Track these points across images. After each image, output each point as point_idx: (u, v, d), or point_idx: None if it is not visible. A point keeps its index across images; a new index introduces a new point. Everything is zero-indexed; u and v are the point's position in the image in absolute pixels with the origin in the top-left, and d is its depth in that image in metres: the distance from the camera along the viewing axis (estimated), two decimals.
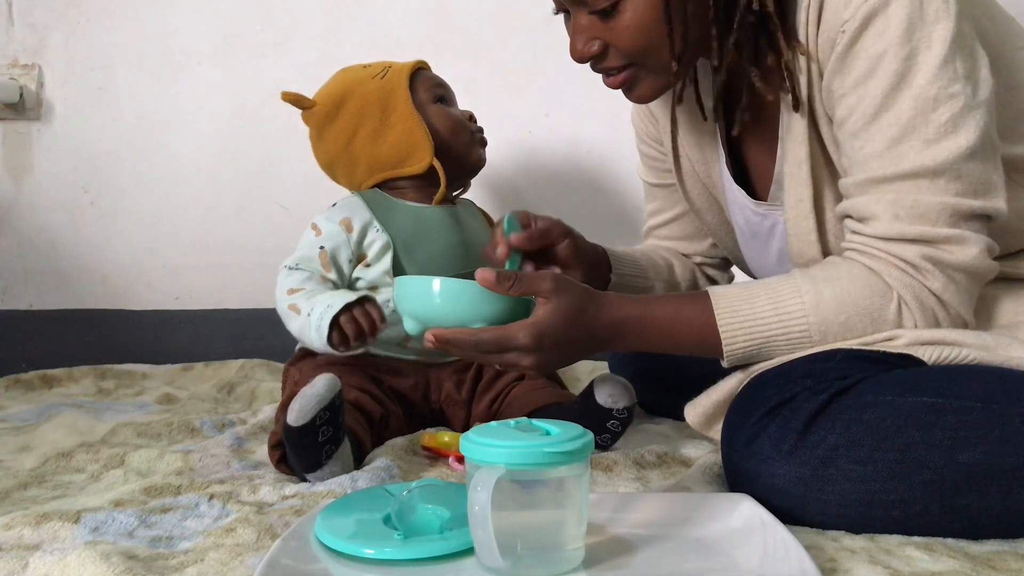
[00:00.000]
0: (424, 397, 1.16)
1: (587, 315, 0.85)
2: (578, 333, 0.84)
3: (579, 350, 0.86)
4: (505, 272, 0.82)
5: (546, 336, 0.83)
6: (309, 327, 1.07)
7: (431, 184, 1.22)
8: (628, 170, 1.72)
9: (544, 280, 0.84)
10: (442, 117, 1.23)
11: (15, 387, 1.56)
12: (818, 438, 0.75)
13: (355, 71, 1.26)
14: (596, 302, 0.86)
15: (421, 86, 1.23)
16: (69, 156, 1.81)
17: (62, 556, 0.68)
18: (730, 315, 0.85)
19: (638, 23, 0.87)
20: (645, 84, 0.93)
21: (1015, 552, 0.72)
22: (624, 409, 1.01)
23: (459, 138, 1.23)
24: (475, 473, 0.62)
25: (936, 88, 0.79)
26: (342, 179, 1.30)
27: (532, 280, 0.83)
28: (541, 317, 0.83)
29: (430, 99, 1.23)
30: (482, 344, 0.83)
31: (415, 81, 1.23)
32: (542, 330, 0.82)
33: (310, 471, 0.92)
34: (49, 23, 1.80)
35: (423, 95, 1.23)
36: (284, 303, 1.12)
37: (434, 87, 1.25)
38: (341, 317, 1.05)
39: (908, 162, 0.81)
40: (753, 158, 1.03)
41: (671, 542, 0.70)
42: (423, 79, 1.25)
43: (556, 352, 0.84)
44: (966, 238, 0.80)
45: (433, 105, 1.23)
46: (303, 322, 1.08)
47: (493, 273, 0.82)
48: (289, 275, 1.14)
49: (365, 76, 1.23)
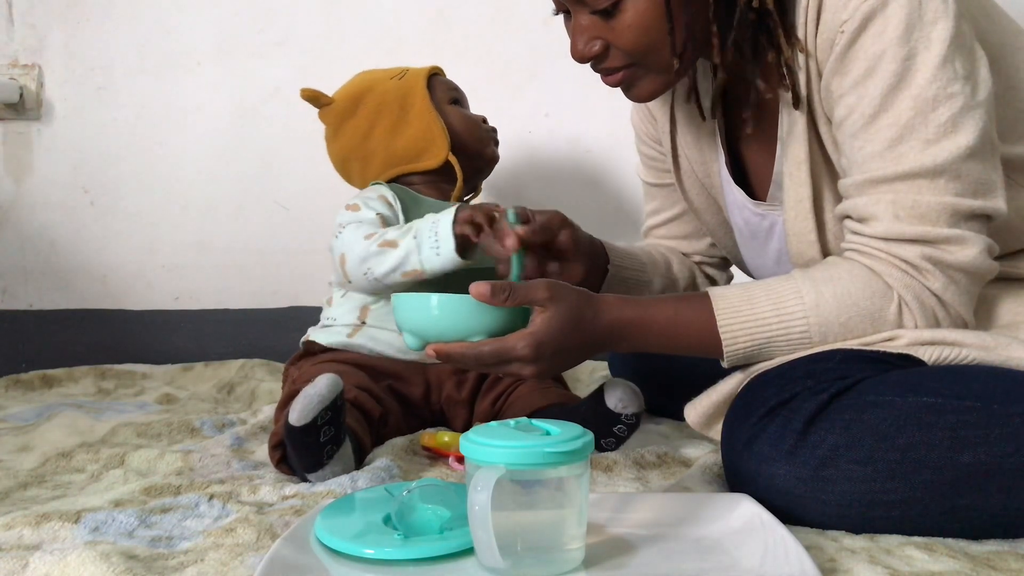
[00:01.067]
0: (425, 399, 1.16)
1: (585, 320, 0.85)
2: (577, 338, 0.84)
3: (579, 354, 0.86)
4: (500, 284, 0.82)
5: (545, 345, 0.83)
6: (419, 249, 1.06)
7: (445, 180, 1.26)
8: (628, 170, 1.72)
9: (539, 289, 0.83)
10: (458, 116, 1.29)
11: (15, 387, 1.56)
12: (818, 438, 0.75)
13: (374, 73, 1.32)
14: (593, 306, 0.86)
15: (438, 88, 1.30)
16: (69, 156, 1.82)
17: (62, 556, 0.68)
18: (730, 316, 0.85)
19: (639, 22, 0.87)
20: (644, 83, 0.93)
21: (1015, 552, 0.72)
22: (632, 415, 1.01)
23: (474, 135, 1.28)
24: (475, 473, 0.62)
25: (935, 88, 0.79)
26: (356, 176, 1.32)
27: (527, 290, 0.83)
28: (539, 327, 0.83)
29: (446, 100, 1.29)
30: (482, 357, 0.83)
31: (432, 83, 1.29)
32: (540, 339, 0.82)
33: (311, 471, 0.92)
34: (49, 23, 1.80)
35: (440, 95, 1.29)
36: (371, 246, 1.09)
37: (450, 90, 1.31)
38: (460, 215, 1.04)
39: (908, 162, 0.81)
40: (752, 158, 1.03)
41: (671, 542, 0.70)
42: (439, 82, 1.31)
43: (556, 359, 0.84)
44: (966, 238, 0.80)
45: (449, 105, 1.29)
46: (407, 249, 1.07)
47: (488, 286, 0.82)
48: (357, 228, 1.13)
49: (384, 76, 1.30)
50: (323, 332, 1.19)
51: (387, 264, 1.08)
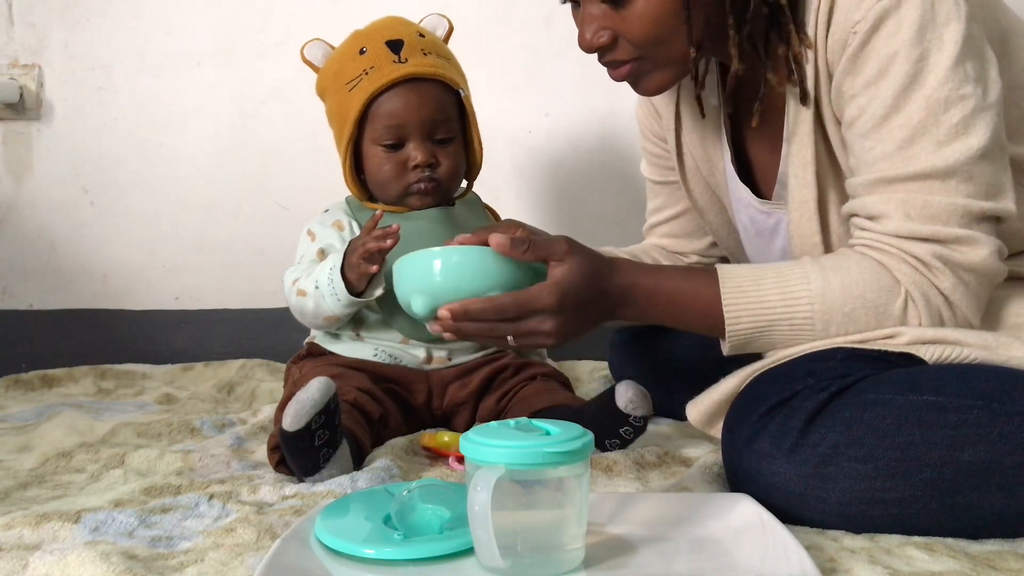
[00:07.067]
0: (427, 404, 1.16)
1: (601, 277, 0.85)
2: (595, 295, 0.85)
3: (595, 313, 0.86)
4: (520, 236, 0.82)
5: (568, 295, 0.83)
6: (323, 295, 1.08)
7: None
8: (628, 170, 1.72)
9: (558, 243, 0.84)
10: (376, 161, 1.15)
11: (15, 387, 1.56)
12: (819, 436, 0.75)
13: (342, 60, 1.18)
14: (608, 265, 0.87)
15: (376, 119, 1.14)
16: (69, 156, 1.81)
17: (62, 556, 0.68)
18: (736, 295, 0.85)
19: (651, 13, 0.87)
20: (652, 77, 0.93)
21: (1015, 552, 0.72)
22: (641, 418, 1.00)
23: (388, 186, 1.16)
24: (475, 473, 0.62)
25: (947, 90, 0.80)
26: None
27: (546, 243, 0.83)
28: (562, 276, 0.83)
29: (375, 139, 1.14)
30: (503, 309, 0.82)
31: (373, 108, 1.13)
32: (564, 289, 0.82)
33: (308, 475, 0.92)
34: (49, 23, 1.80)
35: (370, 132, 1.14)
36: (292, 295, 1.13)
37: (388, 127, 1.13)
38: (347, 259, 1.05)
39: (919, 163, 0.81)
40: (758, 156, 1.03)
41: (671, 542, 0.70)
42: (381, 112, 1.13)
43: (575, 315, 0.84)
44: (977, 239, 0.80)
45: (375, 146, 1.15)
46: (316, 296, 1.09)
47: (507, 238, 0.81)
48: (293, 271, 1.16)
49: (340, 80, 1.16)
50: (326, 337, 1.19)
51: (308, 310, 1.12)
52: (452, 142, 1.17)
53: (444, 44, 1.25)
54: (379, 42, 1.16)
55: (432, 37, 1.22)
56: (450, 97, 1.18)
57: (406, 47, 1.15)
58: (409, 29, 1.20)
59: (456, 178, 1.20)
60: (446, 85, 1.17)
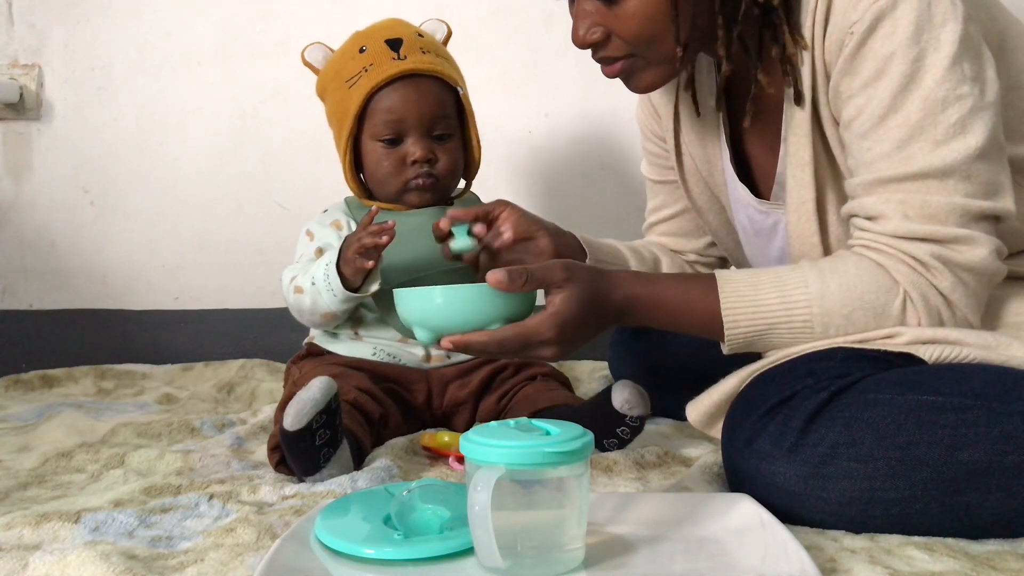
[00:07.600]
0: (427, 404, 1.16)
1: (600, 297, 0.85)
2: (594, 316, 0.85)
3: (596, 330, 0.87)
4: (516, 270, 0.82)
5: (567, 325, 0.83)
6: (319, 291, 1.09)
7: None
8: (628, 170, 1.72)
9: (555, 271, 0.84)
10: (375, 157, 1.16)
11: (15, 387, 1.57)
12: (819, 436, 0.75)
13: (342, 60, 1.18)
14: (607, 282, 0.87)
15: (375, 114, 1.14)
16: (69, 156, 1.81)
17: (62, 556, 0.68)
18: (735, 299, 0.85)
19: (643, 11, 0.88)
20: (644, 75, 0.93)
21: (1015, 552, 0.72)
22: (637, 418, 1.01)
23: (386, 186, 1.17)
24: (475, 473, 0.62)
25: (944, 89, 0.80)
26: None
27: (544, 273, 0.84)
28: (560, 307, 0.83)
29: (374, 134, 1.15)
30: (506, 343, 0.83)
31: (372, 103, 1.14)
32: (564, 319, 0.83)
33: (308, 475, 0.92)
34: (49, 23, 1.80)
35: (369, 128, 1.15)
36: (290, 292, 1.13)
37: (387, 122, 1.14)
38: (343, 255, 1.05)
39: (917, 163, 0.81)
40: (756, 156, 1.03)
41: (671, 542, 0.70)
42: (381, 107, 1.14)
43: (577, 338, 0.85)
44: (976, 239, 0.80)
45: (374, 142, 1.15)
46: (312, 292, 1.10)
47: (504, 273, 0.81)
48: (291, 270, 1.16)
49: (340, 78, 1.17)
50: (325, 337, 1.19)
51: (305, 307, 1.12)
52: (450, 139, 1.18)
53: (442, 46, 1.25)
54: (379, 40, 1.17)
55: (431, 37, 1.23)
56: (448, 94, 1.18)
57: (405, 45, 1.16)
58: (408, 29, 1.21)
59: (454, 175, 1.20)
60: (445, 82, 1.17)
